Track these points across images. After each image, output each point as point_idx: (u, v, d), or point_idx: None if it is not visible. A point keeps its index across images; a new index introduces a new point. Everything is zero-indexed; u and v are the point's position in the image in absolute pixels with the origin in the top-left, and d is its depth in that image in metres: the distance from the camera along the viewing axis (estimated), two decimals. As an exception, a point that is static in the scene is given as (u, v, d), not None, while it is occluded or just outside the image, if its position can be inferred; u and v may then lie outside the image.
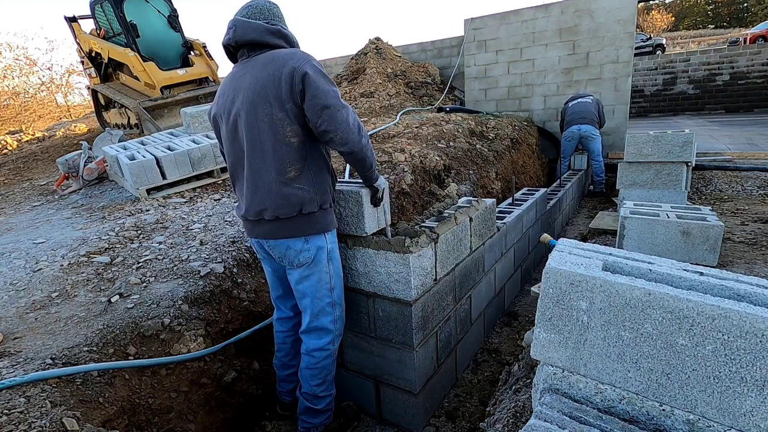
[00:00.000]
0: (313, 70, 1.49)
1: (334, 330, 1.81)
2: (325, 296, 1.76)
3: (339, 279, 1.80)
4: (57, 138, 8.04)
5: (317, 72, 1.50)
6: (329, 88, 1.51)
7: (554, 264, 1.08)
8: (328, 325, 1.79)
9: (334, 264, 1.77)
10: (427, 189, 3.94)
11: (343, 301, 1.85)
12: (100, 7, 6.50)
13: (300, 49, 1.61)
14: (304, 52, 1.56)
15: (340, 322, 1.85)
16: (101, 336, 1.83)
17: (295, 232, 1.65)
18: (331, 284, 1.77)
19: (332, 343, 1.82)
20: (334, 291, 1.78)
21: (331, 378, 1.87)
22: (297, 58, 1.52)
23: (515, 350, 2.55)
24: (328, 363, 1.82)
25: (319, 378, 1.81)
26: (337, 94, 1.53)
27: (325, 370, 1.82)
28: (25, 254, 2.69)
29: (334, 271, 1.77)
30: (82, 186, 4.30)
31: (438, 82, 8.70)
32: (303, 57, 1.53)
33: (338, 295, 1.81)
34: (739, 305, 0.86)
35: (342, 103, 1.53)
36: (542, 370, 1.16)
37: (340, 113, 1.50)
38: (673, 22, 37.03)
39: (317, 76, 1.49)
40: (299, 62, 1.50)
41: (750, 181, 4.62)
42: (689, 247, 2.45)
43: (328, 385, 1.85)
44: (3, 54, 15.95)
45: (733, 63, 12.07)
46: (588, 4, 6.40)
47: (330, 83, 1.53)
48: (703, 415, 0.91)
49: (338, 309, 1.83)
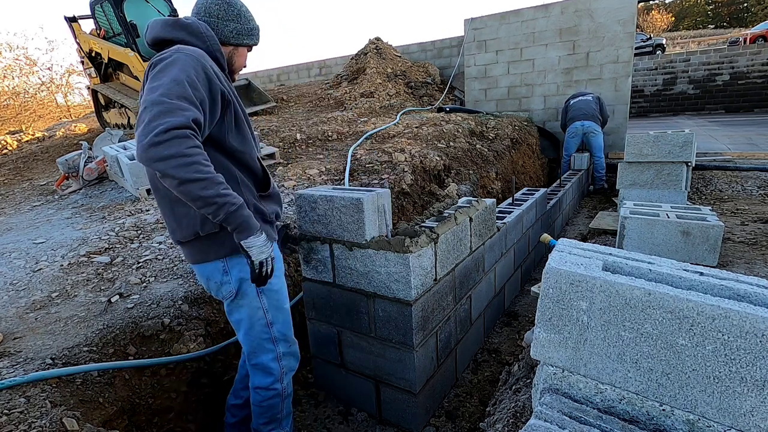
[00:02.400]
0: (163, 63, 1.23)
1: (278, 368, 1.60)
2: (262, 332, 1.54)
3: (280, 312, 1.57)
4: (57, 138, 8.04)
5: (165, 66, 1.22)
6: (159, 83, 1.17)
7: (554, 264, 1.08)
8: (269, 363, 1.58)
9: (269, 296, 1.52)
10: (427, 189, 3.94)
11: (290, 335, 1.64)
12: (100, 7, 6.50)
13: (188, 46, 1.32)
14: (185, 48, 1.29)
15: (288, 359, 1.63)
16: (101, 336, 1.83)
17: (200, 257, 1.42)
18: (267, 319, 1.54)
19: (279, 381, 1.61)
20: (273, 326, 1.56)
21: (282, 417, 1.68)
22: (163, 53, 1.27)
23: (515, 350, 2.55)
24: (276, 402, 1.64)
25: (266, 417, 1.65)
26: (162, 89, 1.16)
27: (273, 409, 1.65)
28: (25, 254, 2.69)
29: (270, 303, 1.53)
30: (82, 186, 4.30)
31: (438, 82, 8.70)
32: (173, 50, 1.27)
33: (281, 330, 1.59)
34: (739, 305, 0.86)
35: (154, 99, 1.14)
36: (542, 370, 1.16)
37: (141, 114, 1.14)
38: (673, 22, 37.02)
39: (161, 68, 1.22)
40: (159, 55, 1.27)
41: (750, 181, 4.62)
42: (689, 247, 2.44)
43: (279, 424, 1.68)
44: (3, 54, 15.97)
45: (733, 63, 12.08)
46: (588, 4, 6.40)
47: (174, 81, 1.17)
48: (703, 415, 0.91)
49: (283, 345, 1.60)
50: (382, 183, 3.59)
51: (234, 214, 1.22)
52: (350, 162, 4.00)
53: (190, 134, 1.15)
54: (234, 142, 1.41)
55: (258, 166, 1.52)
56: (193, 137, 1.15)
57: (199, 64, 1.26)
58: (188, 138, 1.14)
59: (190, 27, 1.38)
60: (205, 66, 1.28)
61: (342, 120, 6.10)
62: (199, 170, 1.14)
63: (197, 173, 1.14)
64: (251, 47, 1.59)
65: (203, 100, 1.25)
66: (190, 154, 1.13)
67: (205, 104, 1.26)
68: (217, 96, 1.30)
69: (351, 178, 3.74)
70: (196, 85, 1.23)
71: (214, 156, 1.36)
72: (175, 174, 1.12)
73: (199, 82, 1.24)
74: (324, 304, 2.08)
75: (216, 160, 1.34)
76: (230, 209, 1.21)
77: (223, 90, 1.33)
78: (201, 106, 1.23)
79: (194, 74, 1.23)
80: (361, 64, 8.93)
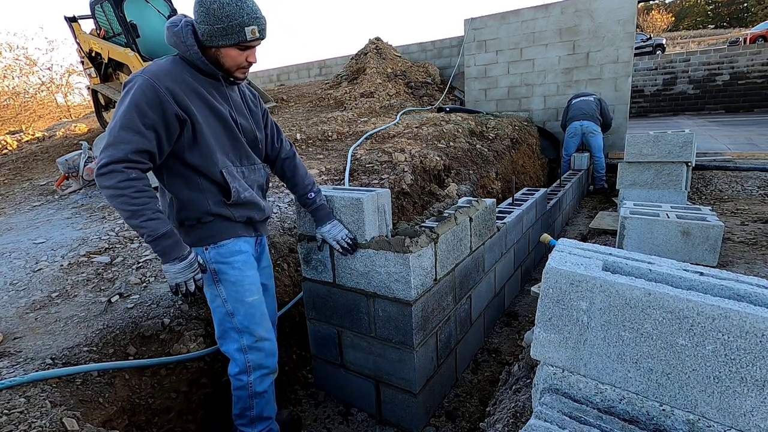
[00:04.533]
0: (125, 90, 1.35)
1: (242, 360, 1.60)
2: (225, 320, 1.58)
3: (241, 304, 1.57)
4: (57, 138, 8.04)
5: (124, 94, 1.35)
6: (115, 113, 1.34)
7: (554, 264, 1.08)
8: (234, 353, 1.61)
9: (226, 286, 1.55)
10: (427, 189, 3.94)
11: (258, 330, 1.61)
12: (100, 7, 6.49)
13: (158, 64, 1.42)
14: (150, 68, 1.39)
15: (254, 353, 1.61)
16: (101, 336, 1.83)
17: None
18: (226, 308, 1.56)
19: (245, 373, 1.61)
20: (234, 317, 1.57)
21: (252, 415, 1.66)
22: (132, 75, 1.38)
23: (515, 350, 2.55)
24: (242, 395, 1.64)
25: (238, 408, 1.67)
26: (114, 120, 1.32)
27: (241, 401, 1.65)
28: (25, 254, 2.69)
29: (229, 294, 1.55)
30: (82, 186, 4.30)
31: (438, 82, 8.70)
32: (139, 72, 1.38)
33: (242, 322, 1.58)
34: (739, 305, 0.86)
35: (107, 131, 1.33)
36: (542, 370, 1.16)
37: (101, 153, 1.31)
38: (673, 22, 37.03)
39: (122, 96, 1.35)
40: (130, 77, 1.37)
41: (750, 181, 4.62)
42: (689, 247, 2.45)
43: (249, 422, 1.67)
44: (3, 54, 15.96)
45: (733, 63, 12.08)
46: (588, 4, 6.40)
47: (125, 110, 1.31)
48: (703, 415, 0.91)
49: (247, 338, 1.59)
50: (382, 183, 3.59)
51: (152, 243, 1.34)
52: (350, 162, 4.00)
53: (123, 168, 1.29)
54: (191, 158, 1.45)
55: (221, 178, 1.50)
56: (126, 170, 1.29)
57: (152, 88, 1.33)
58: (121, 172, 1.28)
59: (176, 35, 1.41)
60: (158, 89, 1.33)
61: (342, 120, 6.10)
62: (126, 202, 1.29)
63: (124, 204, 1.29)
64: (239, 45, 1.41)
65: (155, 123, 1.33)
66: (121, 187, 1.28)
67: (159, 126, 1.34)
68: (171, 117, 1.36)
69: (351, 178, 3.74)
70: (145, 112, 1.31)
71: (175, 167, 1.47)
72: (110, 202, 1.32)
73: (150, 108, 1.32)
74: (324, 304, 2.08)
75: (177, 171, 1.47)
76: (147, 239, 1.33)
77: (177, 112, 1.36)
78: (154, 129, 1.34)
79: (145, 101, 1.31)
80: (361, 64, 8.93)
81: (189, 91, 1.40)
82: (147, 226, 1.31)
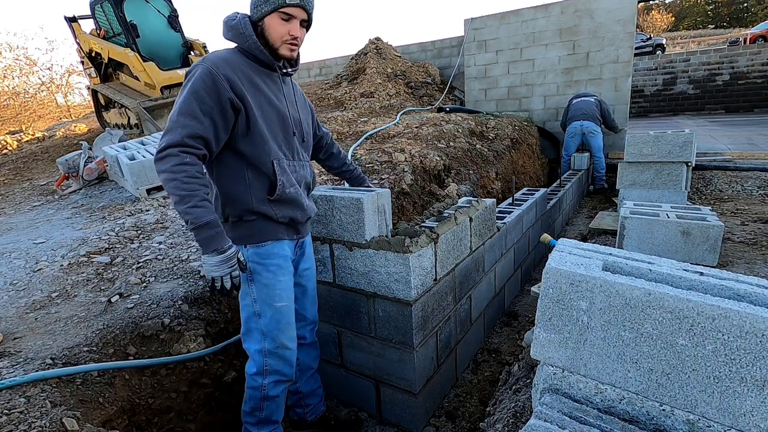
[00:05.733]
0: (186, 78, 1.40)
1: (261, 362, 1.59)
2: (251, 318, 1.58)
3: (268, 307, 1.56)
4: (57, 138, 8.05)
5: (187, 81, 1.39)
6: (179, 100, 1.38)
7: (554, 264, 1.08)
8: (254, 353, 1.59)
9: (258, 287, 1.54)
10: (427, 189, 3.94)
11: (281, 336, 1.59)
12: (100, 7, 6.49)
13: (219, 53, 1.46)
14: (209, 57, 1.43)
15: (273, 359, 1.59)
16: (101, 336, 1.83)
17: None
18: (254, 309, 1.56)
19: (260, 375, 1.60)
20: (261, 319, 1.57)
21: (261, 416, 1.64)
22: (194, 64, 1.41)
23: (515, 350, 2.55)
24: (254, 395, 1.62)
25: (249, 405, 1.65)
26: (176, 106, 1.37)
27: (252, 401, 1.63)
28: (25, 254, 2.69)
29: (258, 295, 1.55)
30: (82, 186, 4.31)
31: (438, 82, 8.70)
32: (200, 60, 1.42)
33: (268, 325, 1.57)
34: (739, 305, 0.86)
35: (169, 117, 1.37)
36: (542, 370, 1.16)
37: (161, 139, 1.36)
38: (673, 22, 37.03)
39: (184, 84, 1.40)
40: (192, 66, 1.41)
41: (750, 181, 4.62)
42: (689, 247, 2.45)
43: (255, 422, 1.65)
44: (3, 54, 15.97)
45: (733, 63, 12.07)
46: (588, 4, 6.40)
47: (184, 97, 1.36)
48: (703, 415, 0.91)
49: (270, 342, 1.58)
50: (382, 183, 3.59)
51: (194, 230, 1.34)
52: (350, 162, 3.99)
53: (178, 152, 1.32)
54: (243, 146, 1.46)
55: (270, 169, 1.50)
56: (181, 154, 1.32)
57: (210, 75, 1.36)
58: (176, 156, 1.32)
59: (234, 28, 1.46)
60: (216, 76, 1.36)
61: (342, 120, 6.10)
62: (177, 186, 1.31)
63: (175, 189, 1.31)
64: (280, 11, 1.42)
65: (212, 110, 1.37)
66: (174, 171, 1.31)
67: (216, 114, 1.37)
68: (227, 105, 1.38)
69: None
70: (203, 98, 1.35)
71: (225, 158, 1.48)
72: (164, 186, 1.34)
73: (207, 94, 1.35)
74: (324, 304, 2.08)
75: (227, 162, 1.48)
76: (190, 226, 1.34)
77: (232, 99, 1.39)
78: (211, 116, 1.37)
79: (203, 88, 1.35)
80: (361, 64, 8.93)
81: (246, 80, 1.43)
82: (191, 212, 1.32)
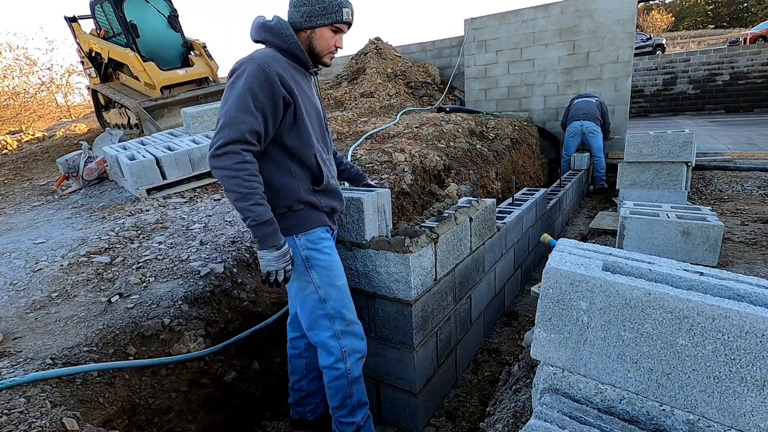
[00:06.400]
0: (235, 75, 1.39)
1: (337, 347, 1.62)
2: (316, 308, 1.60)
3: (333, 288, 1.61)
4: (57, 138, 8.05)
5: (236, 78, 1.39)
6: (228, 95, 1.38)
7: (554, 264, 1.08)
8: (328, 340, 1.62)
9: (318, 272, 1.58)
10: (427, 189, 3.94)
11: (348, 314, 1.64)
12: (100, 7, 6.49)
13: (262, 52, 1.46)
14: (257, 55, 1.43)
15: (347, 338, 1.63)
16: (101, 336, 1.83)
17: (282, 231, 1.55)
18: (319, 295, 1.59)
19: (341, 361, 1.63)
20: (327, 302, 1.60)
21: (352, 403, 1.67)
22: (242, 59, 1.42)
23: (515, 350, 2.55)
24: (342, 384, 1.65)
25: (336, 400, 1.67)
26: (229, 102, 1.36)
27: (341, 391, 1.65)
28: (25, 254, 2.69)
29: (320, 279, 1.58)
30: (82, 186, 4.30)
31: (438, 82, 8.70)
32: (247, 58, 1.42)
33: (335, 306, 1.61)
34: (739, 305, 0.86)
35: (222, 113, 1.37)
36: (542, 370, 1.16)
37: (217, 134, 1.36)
38: (673, 22, 37.03)
39: (233, 80, 1.39)
40: (237, 63, 1.42)
41: (750, 181, 4.62)
42: (689, 247, 2.45)
43: (350, 411, 1.68)
44: (3, 54, 15.96)
45: (733, 63, 12.06)
46: (588, 4, 6.40)
47: (239, 93, 1.36)
48: (703, 415, 0.91)
49: (340, 323, 1.62)
50: (382, 183, 3.59)
51: (254, 227, 1.38)
52: (350, 162, 3.99)
53: (240, 149, 1.33)
54: (290, 140, 1.50)
55: (314, 162, 1.55)
56: (243, 152, 1.34)
57: (263, 72, 1.38)
58: (238, 153, 1.33)
59: (272, 29, 1.49)
60: (268, 73, 1.39)
61: (342, 120, 6.10)
62: (238, 184, 1.33)
63: (236, 186, 1.33)
64: (333, 26, 1.52)
65: (265, 106, 1.39)
66: (236, 168, 1.33)
67: (267, 109, 1.39)
68: (279, 101, 1.41)
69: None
70: (257, 94, 1.37)
71: (272, 152, 1.50)
72: (222, 182, 1.36)
73: (261, 91, 1.37)
74: (324, 304, 2.08)
75: (273, 156, 1.50)
76: (251, 223, 1.37)
77: (284, 95, 1.42)
78: (263, 112, 1.39)
79: (257, 84, 1.37)
80: (361, 64, 8.93)
81: (290, 77, 1.47)
82: (254, 210, 1.35)
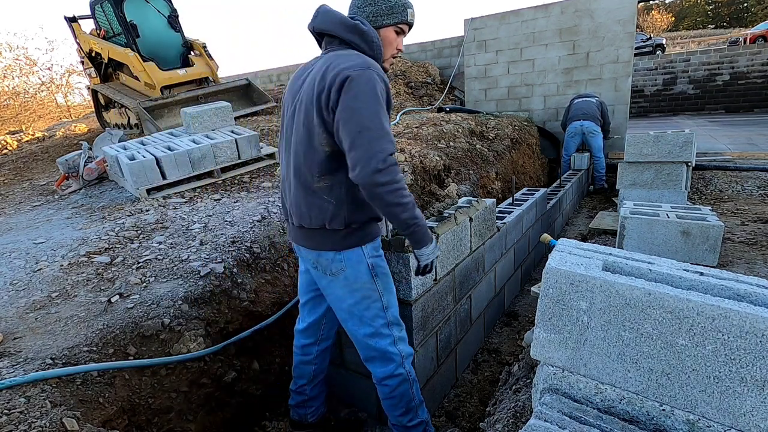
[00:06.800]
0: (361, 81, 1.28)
1: (397, 352, 1.61)
2: (378, 317, 1.56)
3: (393, 296, 1.61)
4: (57, 138, 8.04)
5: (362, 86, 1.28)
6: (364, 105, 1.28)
7: (554, 264, 1.08)
8: (388, 347, 1.59)
9: (381, 279, 1.56)
10: (427, 189, 3.94)
11: (401, 320, 1.65)
12: (100, 7, 6.49)
13: (368, 59, 1.38)
14: (368, 61, 1.35)
15: (402, 343, 1.63)
16: (101, 336, 1.83)
17: (320, 246, 1.50)
18: (383, 302, 1.56)
19: (401, 365, 1.62)
20: (388, 310, 1.58)
21: (416, 404, 1.68)
22: (353, 65, 1.31)
23: (515, 350, 2.55)
24: (405, 389, 1.63)
25: (401, 407, 1.65)
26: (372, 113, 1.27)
27: (405, 397, 1.64)
28: (25, 254, 2.69)
29: (383, 287, 1.56)
30: (82, 186, 4.30)
31: (438, 82, 8.70)
32: (361, 64, 1.32)
33: (394, 313, 1.61)
34: (739, 305, 0.86)
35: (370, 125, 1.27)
36: (542, 370, 1.16)
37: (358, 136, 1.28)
38: (673, 22, 37.03)
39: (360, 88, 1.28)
40: (352, 69, 1.30)
41: (750, 181, 4.62)
42: (689, 247, 2.45)
43: (415, 413, 1.68)
44: (3, 54, 15.96)
45: (733, 63, 12.06)
46: (588, 4, 6.40)
47: (377, 103, 1.29)
48: (703, 415, 0.91)
49: (396, 329, 1.62)
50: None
51: (419, 232, 1.39)
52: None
53: (396, 161, 1.30)
54: None
55: None
56: (397, 163, 1.30)
57: (383, 82, 1.35)
58: (396, 165, 1.30)
59: (365, 35, 1.43)
60: (386, 83, 1.37)
61: (342, 120, 6.09)
62: (402, 195, 1.31)
63: (400, 197, 1.30)
64: (398, 26, 1.48)
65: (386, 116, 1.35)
66: (398, 180, 1.30)
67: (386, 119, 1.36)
68: (389, 110, 1.39)
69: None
70: (385, 105, 1.34)
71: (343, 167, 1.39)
72: (386, 198, 1.28)
73: (386, 101, 1.36)
74: (324, 304, 2.08)
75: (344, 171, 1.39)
76: (416, 228, 1.38)
77: (391, 103, 1.40)
78: None
79: (384, 95, 1.34)
80: (361, 64, 8.92)
81: None
82: (419, 216, 1.36)
